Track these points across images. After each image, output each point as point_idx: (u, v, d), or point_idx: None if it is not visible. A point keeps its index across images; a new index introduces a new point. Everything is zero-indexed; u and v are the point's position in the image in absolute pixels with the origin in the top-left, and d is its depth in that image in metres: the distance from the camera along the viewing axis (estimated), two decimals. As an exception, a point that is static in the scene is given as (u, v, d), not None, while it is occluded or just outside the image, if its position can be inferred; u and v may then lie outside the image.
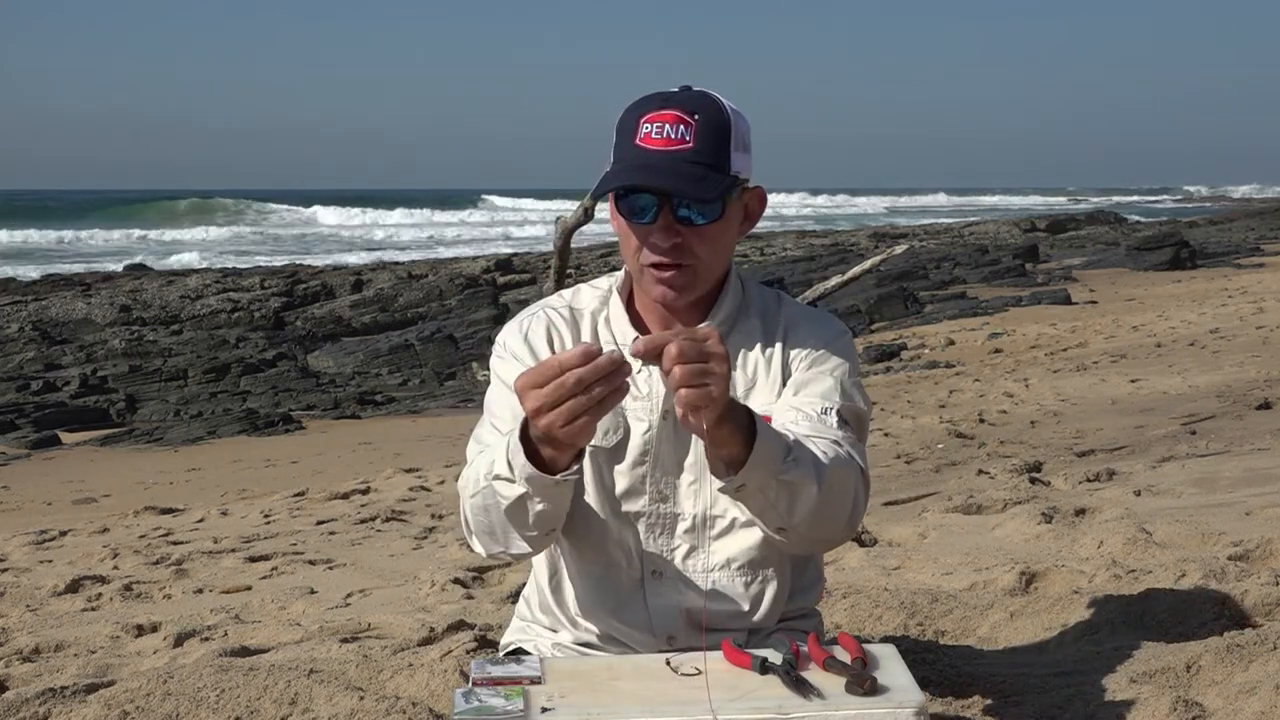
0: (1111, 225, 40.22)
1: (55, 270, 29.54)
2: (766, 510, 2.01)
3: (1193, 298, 18.06)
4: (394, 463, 9.14)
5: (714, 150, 2.13)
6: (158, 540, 6.38)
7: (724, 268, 2.24)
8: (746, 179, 2.19)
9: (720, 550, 2.22)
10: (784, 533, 2.05)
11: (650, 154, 2.12)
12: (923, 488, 6.15)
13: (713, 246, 2.18)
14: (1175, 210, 68.79)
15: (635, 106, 2.17)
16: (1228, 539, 3.95)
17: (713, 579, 2.22)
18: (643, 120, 2.14)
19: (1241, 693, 2.43)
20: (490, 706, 1.84)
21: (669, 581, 2.22)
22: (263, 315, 20.36)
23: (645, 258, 2.17)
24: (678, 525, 2.22)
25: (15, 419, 12.78)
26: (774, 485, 1.97)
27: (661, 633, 2.22)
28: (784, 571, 2.26)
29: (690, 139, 2.12)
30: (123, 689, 2.91)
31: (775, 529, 2.04)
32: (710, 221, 2.15)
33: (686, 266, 2.17)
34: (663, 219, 2.14)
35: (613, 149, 2.19)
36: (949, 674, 2.78)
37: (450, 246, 42.21)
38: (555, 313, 2.30)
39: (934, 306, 19.33)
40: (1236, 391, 8.74)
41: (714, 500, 2.20)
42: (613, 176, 2.15)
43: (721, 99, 2.18)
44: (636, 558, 2.23)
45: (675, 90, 2.18)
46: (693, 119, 2.12)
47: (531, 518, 2.03)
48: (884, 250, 8.72)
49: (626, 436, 2.23)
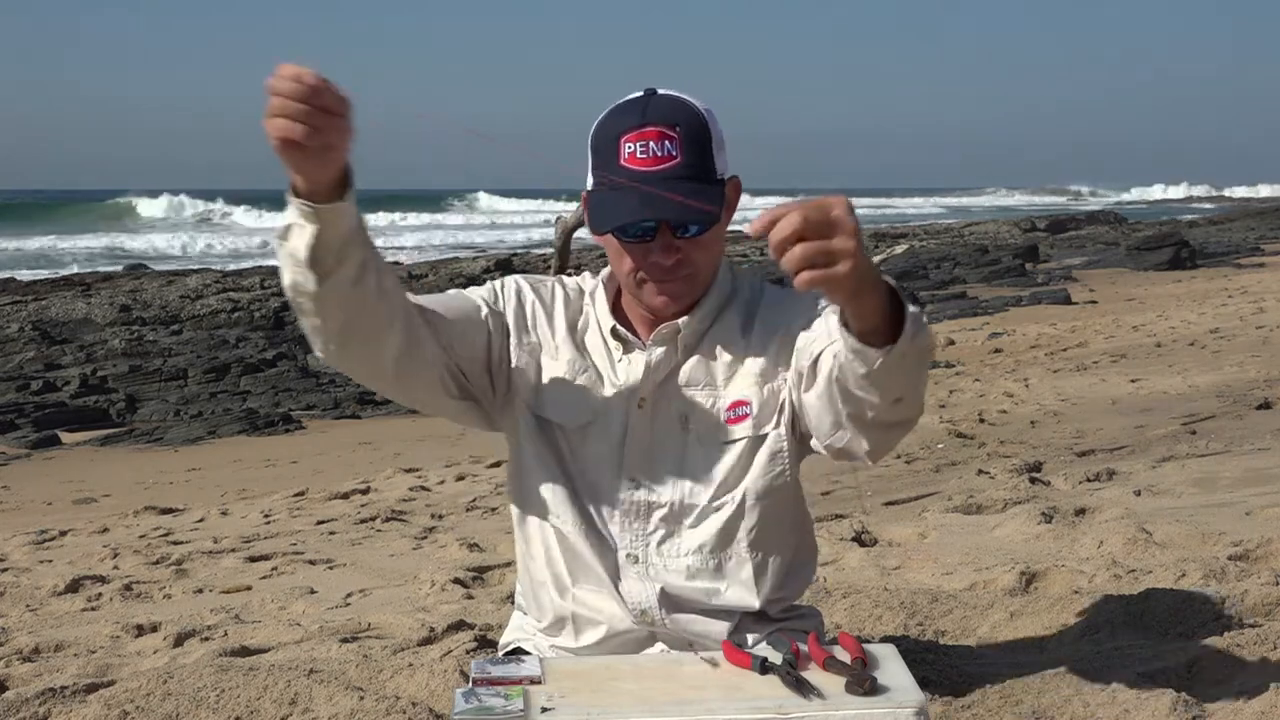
0: (1111, 225, 40.20)
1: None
2: (899, 379, 1.87)
3: (1193, 298, 18.05)
4: (394, 463, 9.14)
5: (700, 160, 2.14)
6: (158, 540, 6.38)
7: (716, 266, 2.25)
8: (727, 174, 2.20)
9: (693, 537, 2.23)
10: (900, 404, 1.92)
11: (641, 176, 2.10)
12: (923, 488, 6.15)
13: (709, 251, 2.20)
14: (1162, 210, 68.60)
15: (610, 123, 2.16)
16: (1228, 539, 3.95)
17: (686, 563, 2.22)
18: (623, 139, 2.12)
19: (1241, 693, 2.43)
20: (490, 706, 1.84)
21: (643, 566, 2.23)
22: (263, 315, 20.34)
23: (645, 275, 2.18)
24: (654, 513, 2.23)
25: (15, 419, 12.77)
26: (906, 359, 1.84)
27: (635, 608, 2.22)
28: (765, 552, 2.25)
29: (677, 153, 2.11)
30: (123, 689, 2.91)
31: (893, 400, 1.90)
32: (707, 229, 2.16)
33: (688, 275, 2.18)
34: (662, 238, 2.15)
35: (591, 168, 2.18)
36: (949, 674, 2.78)
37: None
38: (566, 288, 2.32)
39: (934, 306, 19.32)
40: (1236, 391, 8.73)
41: (691, 489, 2.21)
42: (612, 207, 2.13)
43: (692, 101, 2.17)
44: (612, 541, 2.24)
45: (642, 95, 2.16)
46: (675, 132, 2.12)
47: (309, 278, 1.94)
48: (884, 250, 8.71)
49: (595, 419, 2.24)
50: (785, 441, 2.21)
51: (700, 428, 2.21)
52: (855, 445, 2.04)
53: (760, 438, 2.20)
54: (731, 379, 2.22)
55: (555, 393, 2.26)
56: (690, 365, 2.23)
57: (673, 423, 2.22)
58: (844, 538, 4.57)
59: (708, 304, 2.24)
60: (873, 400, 1.91)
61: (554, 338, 2.28)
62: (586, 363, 2.27)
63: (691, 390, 2.22)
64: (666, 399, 2.23)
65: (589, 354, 2.28)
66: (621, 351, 2.26)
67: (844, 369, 1.91)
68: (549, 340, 2.28)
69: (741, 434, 2.21)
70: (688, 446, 2.22)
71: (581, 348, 2.28)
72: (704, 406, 2.21)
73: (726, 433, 2.21)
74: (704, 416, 2.21)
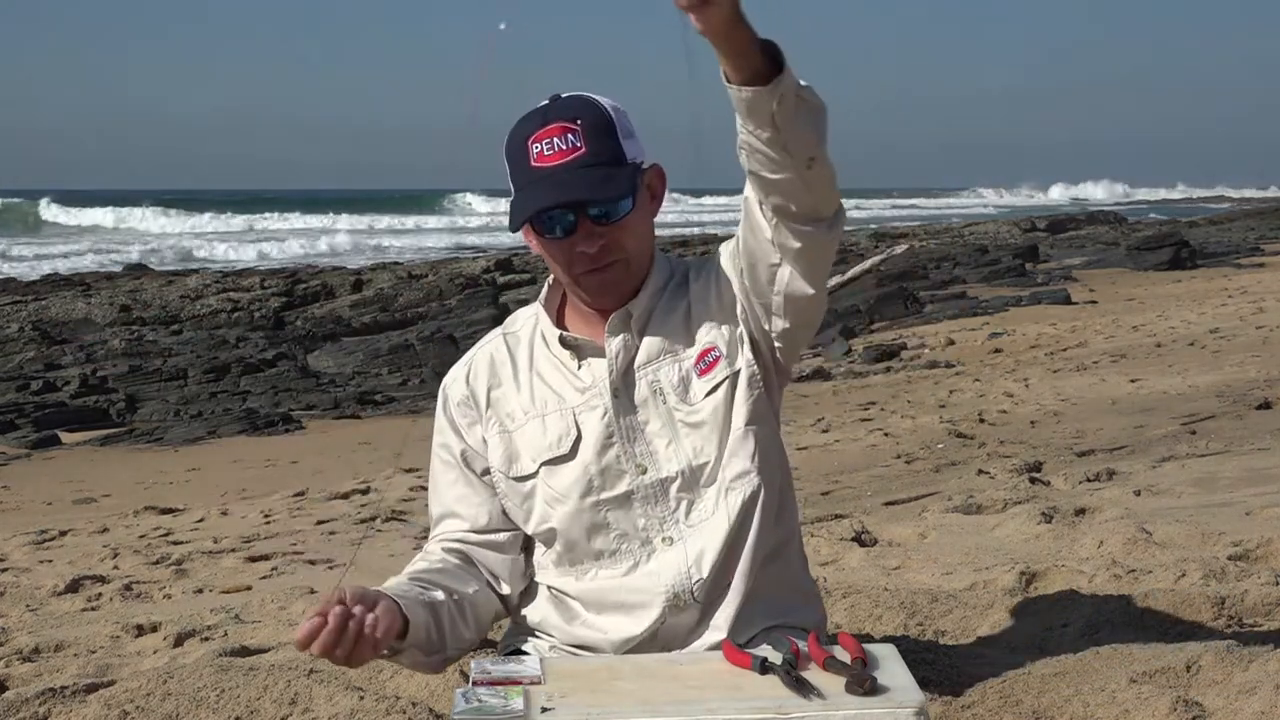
0: (1111, 225, 40.19)
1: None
2: (801, 132, 2.00)
3: (1193, 298, 18.05)
4: (394, 463, 9.14)
5: (605, 147, 2.21)
6: (158, 540, 6.39)
7: (650, 253, 2.33)
8: (642, 161, 2.27)
9: (712, 492, 2.28)
10: (814, 163, 2.05)
11: (549, 171, 2.19)
12: (923, 488, 6.15)
13: (635, 235, 2.27)
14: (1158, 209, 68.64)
15: (517, 130, 2.25)
16: (1228, 539, 3.95)
17: (716, 519, 2.27)
18: (530, 141, 2.21)
19: (1241, 693, 2.43)
20: (490, 706, 1.84)
21: (680, 543, 2.28)
22: (263, 315, 20.34)
23: (576, 268, 2.25)
24: (670, 488, 2.28)
25: (15, 419, 12.77)
26: (803, 103, 1.98)
27: (669, 590, 2.27)
28: (768, 476, 2.30)
29: (581, 144, 2.19)
30: (123, 689, 2.91)
31: (806, 160, 2.04)
32: (626, 214, 2.23)
33: (618, 262, 2.25)
34: (582, 228, 2.22)
35: (509, 178, 2.26)
36: (949, 674, 2.78)
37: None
38: (493, 347, 2.40)
39: (934, 306, 19.30)
40: (1236, 391, 8.73)
41: (695, 449, 2.27)
42: (524, 203, 2.22)
43: (594, 96, 2.26)
44: (642, 533, 2.29)
45: (546, 102, 2.25)
46: (576, 124, 2.20)
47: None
48: (884, 250, 8.72)
49: (580, 435, 2.30)
50: (755, 366, 2.30)
51: (678, 393, 2.29)
52: (794, 265, 2.16)
53: (736, 373, 2.29)
54: (691, 339, 2.31)
55: (530, 443, 2.33)
56: (647, 343, 2.31)
57: (650, 399, 2.29)
58: (844, 538, 4.57)
59: (650, 285, 2.32)
60: (787, 173, 2.04)
61: (506, 403, 2.37)
62: (546, 391, 2.34)
63: (656, 364, 2.30)
64: (636, 381, 2.30)
65: (547, 381, 2.35)
66: (576, 357, 2.33)
67: (751, 152, 2.03)
68: (502, 409, 2.37)
69: (720, 377, 2.29)
70: (673, 413, 2.29)
71: (538, 381, 2.36)
72: (673, 374, 2.29)
73: (705, 384, 2.29)
74: (678, 383, 2.29)
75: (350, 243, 40.94)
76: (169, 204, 60.46)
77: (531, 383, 2.36)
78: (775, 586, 2.33)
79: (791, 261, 2.17)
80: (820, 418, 9.70)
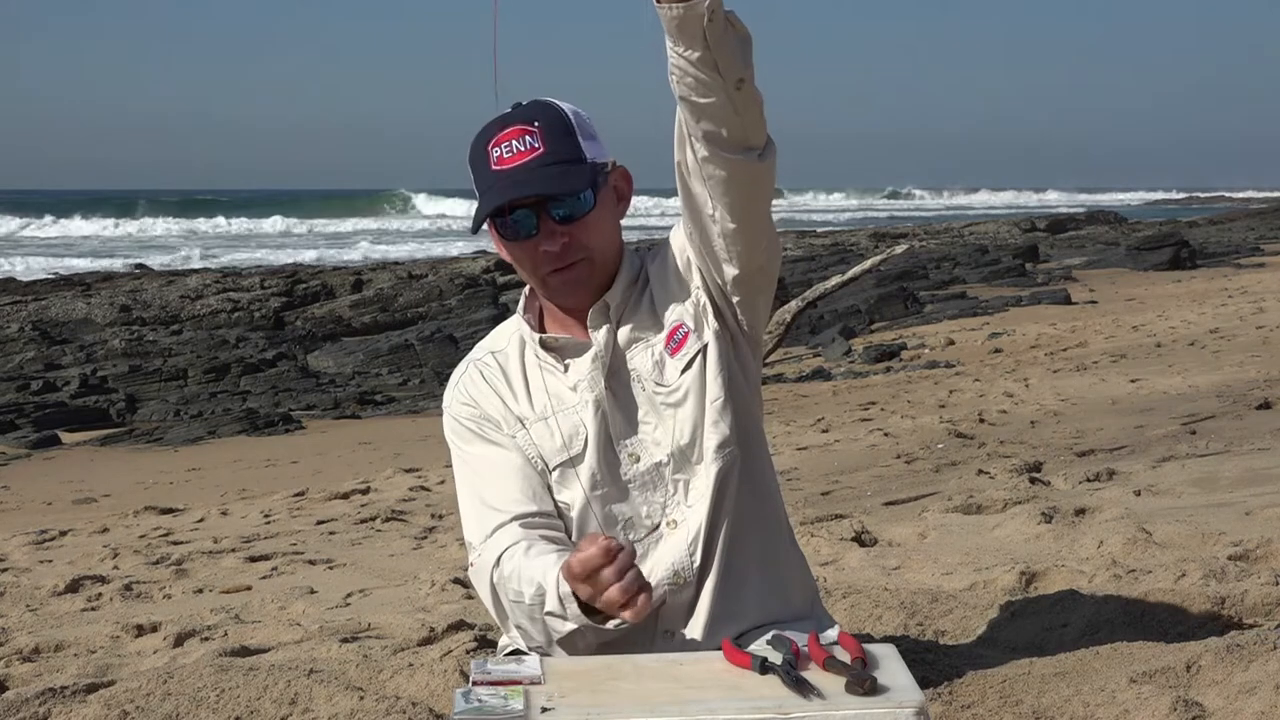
0: (1111, 225, 40.20)
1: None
2: (730, 52, 2.05)
3: (1193, 298, 18.06)
4: (394, 463, 9.14)
5: (564, 146, 2.25)
6: (158, 540, 6.39)
7: (616, 251, 2.36)
8: (605, 162, 2.31)
9: (704, 468, 2.31)
10: (743, 85, 2.08)
11: (509, 172, 2.23)
12: (923, 488, 6.15)
13: (599, 232, 2.30)
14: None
15: (479, 138, 2.30)
16: (1228, 539, 3.95)
17: (710, 496, 2.30)
18: (490, 146, 2.26)
19: (1241, 693, 2.43)
20: (490, 706, 1.84)
21: (683, 524, 2.31)
22: (263, 315, 20.35)
23: (542, 268, 2.29)
24: (664, 472, 2.32)
25: (15, 419, 12.77)
26: (731, 27, 2.04)
27: (670, 568, 2.30)
28: (747, 442, 2.35)
29: (539, 144, 2.24)
30: (123, 689, 2.91)
31: (736, 81, 2.07)
32: (588, 211, 2.26)
33: (583, 261, 2.29)
34: (544, 227, 2.26)
35: (473, 184, 2.30)
36: (949, 674, 2.78)
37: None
38: (483, 364, 2.42)
39: (934, 306, 19.32)
40: (1236, 391, 8.74)
41: (680, 429, 2.31)
42: (484, 205, 2.26)
43: (554, 100, 2.30)
44: (647, 521, 2.32)
45: (509, 110, 2.30)
46: (534, 126, 2.25)
47: (582, 643, 2.18)
48: (884, 250, 8.73)
49: (588, 434, 2.32)
50: (723, 335, 2.33)
51: (654, 376, 2.32)
52: (728, 197, 2.18)
53: (705, 346, 2.32)
54: (659, 322, 2.35)
55: (540, 447, 2.35)
56: (624, 333, 2.35)
57: (630, 387, 2.33)
58: (844, 538, 4.57)
59: (622, 279, 2.35)
60: (717, 95, 2.06)
61: (517, 407, 2.38)
62: (544, 397, 2.37)
63: (632, 353, 2.34)
64: (618, 371, 2.34)
65: (543, 387, 2.38)
66: (559, 359, 2.37)
67: (681, 75, 2.06)
68: (506, 419, 2.38)
69: (691, 352, 2.32)
70: (654, 397, 2.32)
71: (534, 388, 2.38)
72: (647, 359, 2.33)
73: (678, 363, 2.33)
74: (652, 367, 2.33)
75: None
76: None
77: (528, 390, 2.38)
78: (761, 558, 2.36)
79: (725, 194, 2.19)
80: (820, 418, 9.71)
